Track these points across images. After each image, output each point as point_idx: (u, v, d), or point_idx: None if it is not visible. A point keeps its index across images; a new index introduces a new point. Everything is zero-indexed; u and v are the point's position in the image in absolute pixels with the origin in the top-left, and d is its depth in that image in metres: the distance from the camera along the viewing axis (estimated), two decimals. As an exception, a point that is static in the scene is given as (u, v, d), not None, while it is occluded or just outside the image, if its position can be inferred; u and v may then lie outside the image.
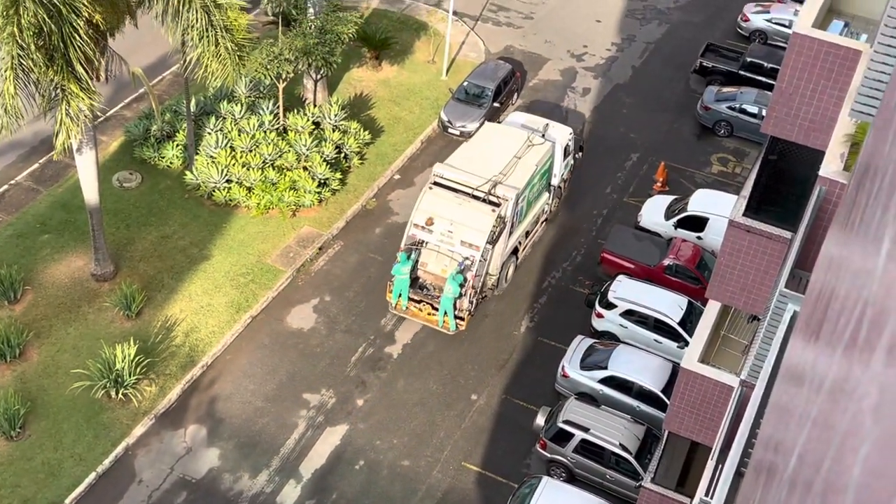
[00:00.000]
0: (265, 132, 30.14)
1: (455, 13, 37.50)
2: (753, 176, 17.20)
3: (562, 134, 29.13)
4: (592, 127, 33.89)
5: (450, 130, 32.62)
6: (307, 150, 29.85)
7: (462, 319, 25.52)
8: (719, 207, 27.62)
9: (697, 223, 28.38)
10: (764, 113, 24.86)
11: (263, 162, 29.41)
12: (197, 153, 29.63)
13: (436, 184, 25.62)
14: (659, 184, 31.25)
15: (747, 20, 37.97)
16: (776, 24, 37.13)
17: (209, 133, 30.08)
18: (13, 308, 25.43)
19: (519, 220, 26.87)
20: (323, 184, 29.67)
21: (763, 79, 34.21)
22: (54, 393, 23.69)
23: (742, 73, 34.87)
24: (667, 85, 35.88)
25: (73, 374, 23.81)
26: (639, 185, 32.07)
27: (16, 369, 24.04)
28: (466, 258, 25.34)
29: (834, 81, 14.98)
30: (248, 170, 29.15)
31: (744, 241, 16.90)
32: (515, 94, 34.71)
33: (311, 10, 30.31)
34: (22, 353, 24.31)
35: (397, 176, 31.43)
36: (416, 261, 25.64)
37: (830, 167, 13.69)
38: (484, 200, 25.54)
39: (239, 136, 29.85)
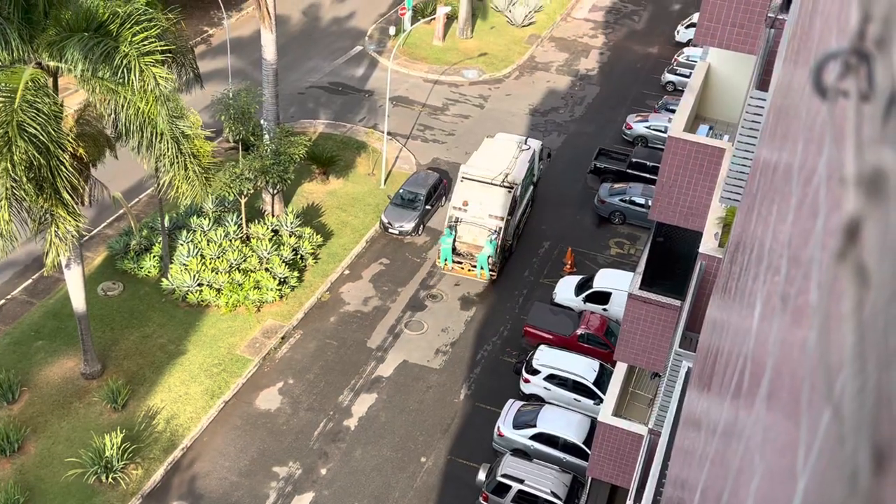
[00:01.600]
0: (231, 241, 30.03)
1: (389, 133, 37.91)
2: (645, 255, 17.60)
3: (536, 144, 33.65)
4: (509, 222, 34.13)
5: (390, 231, 32.89)
6: (268, 253, 29.81)
7: (493, 271, 29.97)
8: (620, 283, 28.13)
9: (603, 297, 29.09)
10: (650, 203, 25.29)
11: (230, 266, 29.28)
12: (171, 262, 29.50)
13: (464, 178, 29.82)
14: (568, 266, 31.59)
15: (630, 128, 38.60)
16: (654, 130, 37.83)
17: (182, 244, 29.87)
18: (11, 408, 24.92)
19: (521, 201, 30.97)
20: (283, 282, 29.64)
21: (647, 175, 34.77)
22: (50, 481, 23.15)
23: (629, 171, 35.34)
24: (569, 184, 36.09)
25: (67, 463, 23.36)
26: (551, 268, 32.63)
27: (15, 462, 23.58)
28: (492, 229, 29.55)
29: (705, 174, 15.42)
30: (216, 274, 29.00)
31: (642, 310, 17.24)
32: (444, 197, 35.14)
33: (266, 136, 30.47)
34: (20, 447, 23.86)
35: (347, 271, 31.66)
36: (455, 234, 29.81)
37: (708, 245, 13.99)
38: (501, 186, 29.68)
39: (208, 245, 29.65)
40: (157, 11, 20.17)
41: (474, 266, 30.10)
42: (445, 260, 30.23)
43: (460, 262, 30.26)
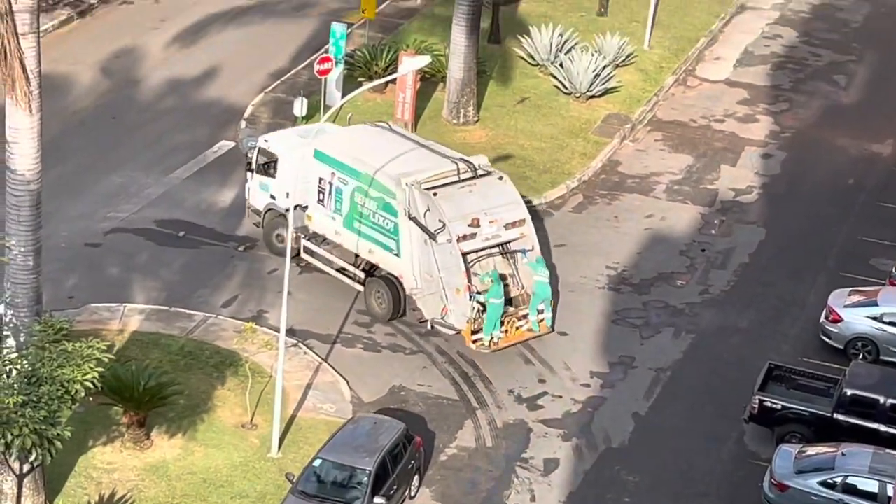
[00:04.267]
0: None
1: (291, 331, 35.31)
2: None
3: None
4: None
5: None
6: None
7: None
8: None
9: None
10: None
11: None
12: None
13: (428, 189, 34.84)
14: None
15: (837, 319, 37.23)
16: (891, 323, 36.82)
17: None
18: None
19: None
20: None
21: (878, 426, 33.30)
22: None
23: (838, 416, 33.46)
24: (698, 449, 34.17)
25: None
26: None
27: None
28: (517, 244, 35.90)
29: None
30: None
31: None
32: (415, 474, 32.95)
33: (9, 340, 28.98)
34: None
35: None
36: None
37: None
38: (481, 176, 36.06)
39: None
40: None
41: (526, 316, 35.41)
42: (491, 335, 34.96)
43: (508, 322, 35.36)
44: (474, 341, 35.04)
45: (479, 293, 34.94)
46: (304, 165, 36.81)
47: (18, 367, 27.35)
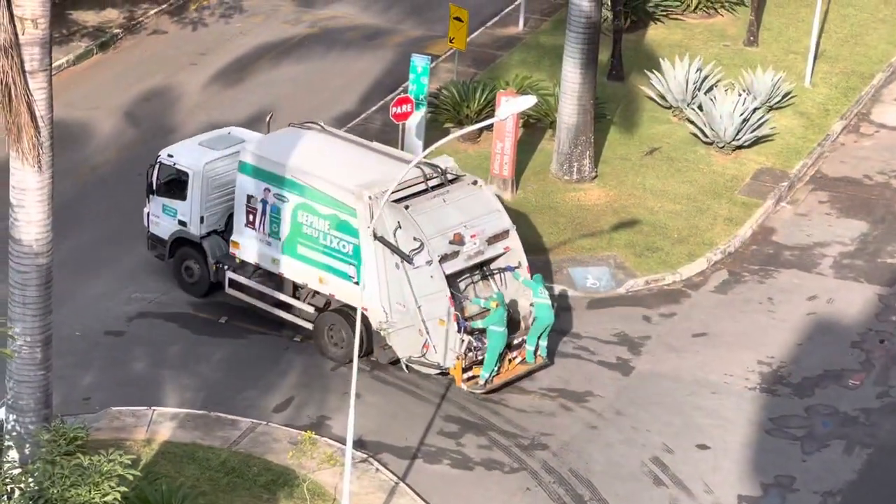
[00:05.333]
0: None
1: (362, 443, 33.68)
2: None
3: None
4: None
5: None
6: None
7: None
8: None
9: None
10: None
11: None
12: None
13: (396, 202, 35.45)
14: None
15: None
16: None
17: None
18: None
19: None
20: None
21: None
22: None
23: None
24: None
25: None
26: None
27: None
28: (502, 260, 37.23)
29: None
30: None
31: None
32: None
33: (11, 452, 28.84)
34: None
35: None
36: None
37: None
38: (451, 182, 37.19)
39: None
40: None
41: (518, 346, 36.76)
42: (492, 369, 36.16)
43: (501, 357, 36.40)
44: (467, 380, 35.86)
45: (469, 321, 35.76)
46: (222, 181, 37.74)
47: (22, 486, 26.70)
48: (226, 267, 38.60)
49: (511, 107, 39.86)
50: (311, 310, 37.48)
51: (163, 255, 40.07)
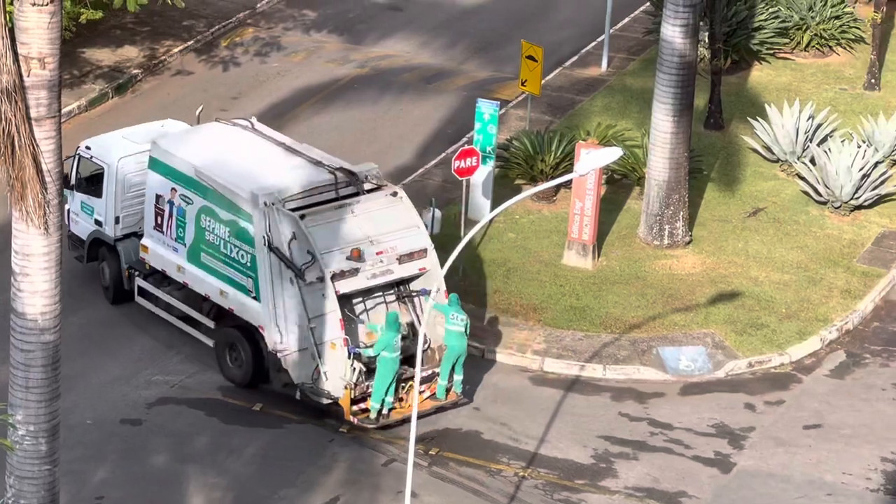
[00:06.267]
0: None
1: None
2: None
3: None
4: None
5: None
6: None
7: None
8: None
9: None
10: None
11: None
12: None
13: (294, 210, 36.40)
14: None
15: None
16: None
17: None
18: None
19: None
20: None
21: None
22: None
23: None
24: None
25: None
26: None
27: None
28: (416, 283, 38.16)
29: None
30: None
31: None
32: None
33: None
34: None
35: None
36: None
37: None
38: (368, 191, 38.34)
39: None
40: None
41: (431, 379, 37.43)
42: (381, 401, 36.73)
43: (405, 384, 37.06)
44: (358, 413, 36.73)
45: (362, 347, 35.99)
46: (135, 178, 38.30)
47: None
48: (137, 273, 39.30)
49: (592, 160, 39.85)
50: (213, 325, 38.16)
51: (82, 258, 41.03)
